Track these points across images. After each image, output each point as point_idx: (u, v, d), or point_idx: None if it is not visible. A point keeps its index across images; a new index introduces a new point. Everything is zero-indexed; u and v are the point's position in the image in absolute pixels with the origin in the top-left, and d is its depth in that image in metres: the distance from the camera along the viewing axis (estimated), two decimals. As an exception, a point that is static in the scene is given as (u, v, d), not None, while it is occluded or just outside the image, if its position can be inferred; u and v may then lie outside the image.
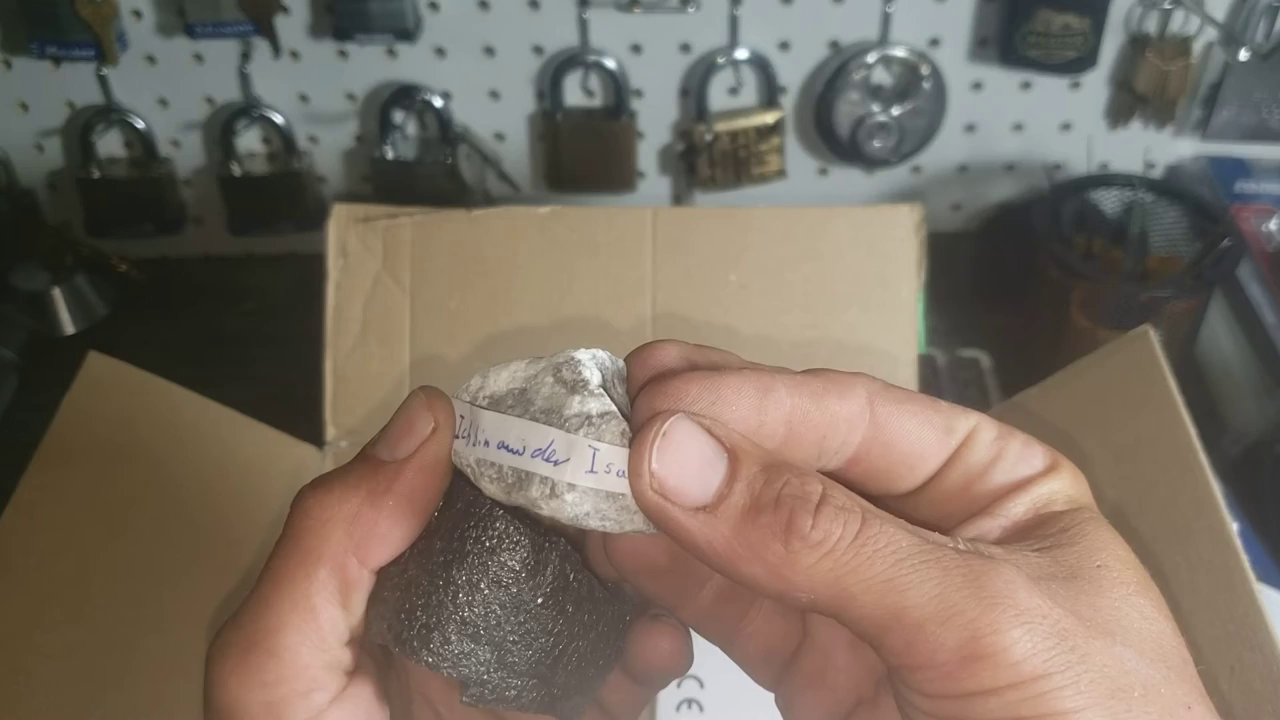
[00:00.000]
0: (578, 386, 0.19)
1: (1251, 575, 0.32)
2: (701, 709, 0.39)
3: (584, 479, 0.18)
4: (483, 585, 0.20)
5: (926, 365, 0.61)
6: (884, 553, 0.17)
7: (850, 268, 0.45)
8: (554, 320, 0.46)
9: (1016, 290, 0.61)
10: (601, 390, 0.19)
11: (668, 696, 0.39)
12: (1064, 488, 0.19)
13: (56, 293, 0.67)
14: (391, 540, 0.20)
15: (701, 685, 0.39)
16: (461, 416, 0.20)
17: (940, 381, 0.61)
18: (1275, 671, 0.31)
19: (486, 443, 0.19)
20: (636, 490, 0.18)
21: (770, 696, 0.39)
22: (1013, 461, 0.19)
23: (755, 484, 0.17)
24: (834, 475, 0.19)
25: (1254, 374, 0.56)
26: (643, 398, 0.19)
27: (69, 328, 0.67)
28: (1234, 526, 0.33)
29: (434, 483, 0.20)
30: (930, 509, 0.19)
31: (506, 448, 0.19)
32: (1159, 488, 0.34)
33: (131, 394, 0.41)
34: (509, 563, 0.20)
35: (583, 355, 0.20)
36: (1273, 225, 0.60)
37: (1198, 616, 0.33)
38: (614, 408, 0.19)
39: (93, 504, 0.38)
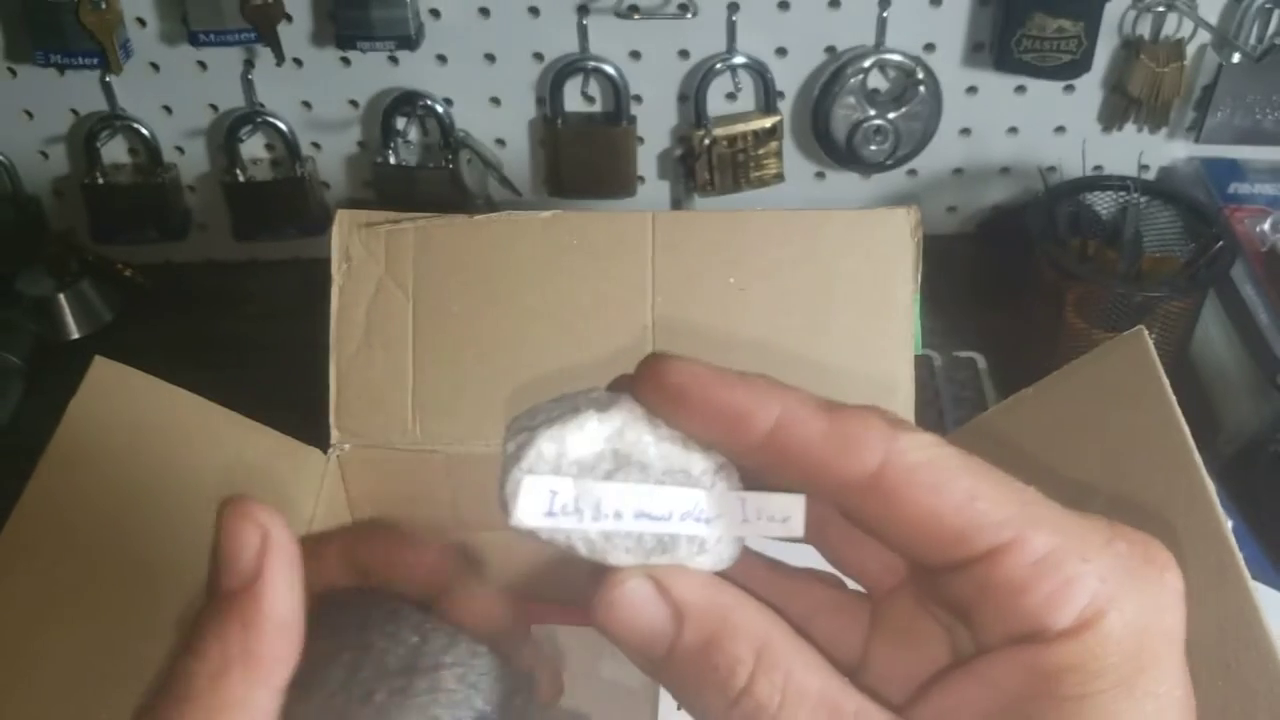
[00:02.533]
0: (689, 441, 0.20)
1: (1246, 573, 0.32)
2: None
3: (741, 529, 0.19)
4: None
5: (923, 366, 0.61)
6: None
7: (848, 270, 0.45)
8: (554, 322, 0.46)
9: (1012, 292, 0.62)
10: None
11: (669, 697, 0.39)
12: (1091, 651, 0.16)
13: (62, 298, 0.67)
14: (290, 655, 0.19)
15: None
16: (554, 491, 0.19)
17: (937, 382, 0.61)
18: (1271, 669, 0.31)
19: (618, 514, 0.19)
20: None
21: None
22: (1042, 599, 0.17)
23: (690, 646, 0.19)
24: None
25: (1248, 374, 0.57)
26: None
27: (74, 333, 0.68)
28: (1229, 525, 0.33)
29: (297, 581, 0.20)
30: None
31: (648, 516, 0.19)
32: (1154, 487, 0.35)
33: (137, 398, 0.42)
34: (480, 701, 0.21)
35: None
36: (1266, 226, 0.61)
37: (1192, 615, 0.33)
38: (724, 457, 0.20)
39: (98, 507, 0.39)
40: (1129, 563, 0.17)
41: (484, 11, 0.63)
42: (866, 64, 0.62)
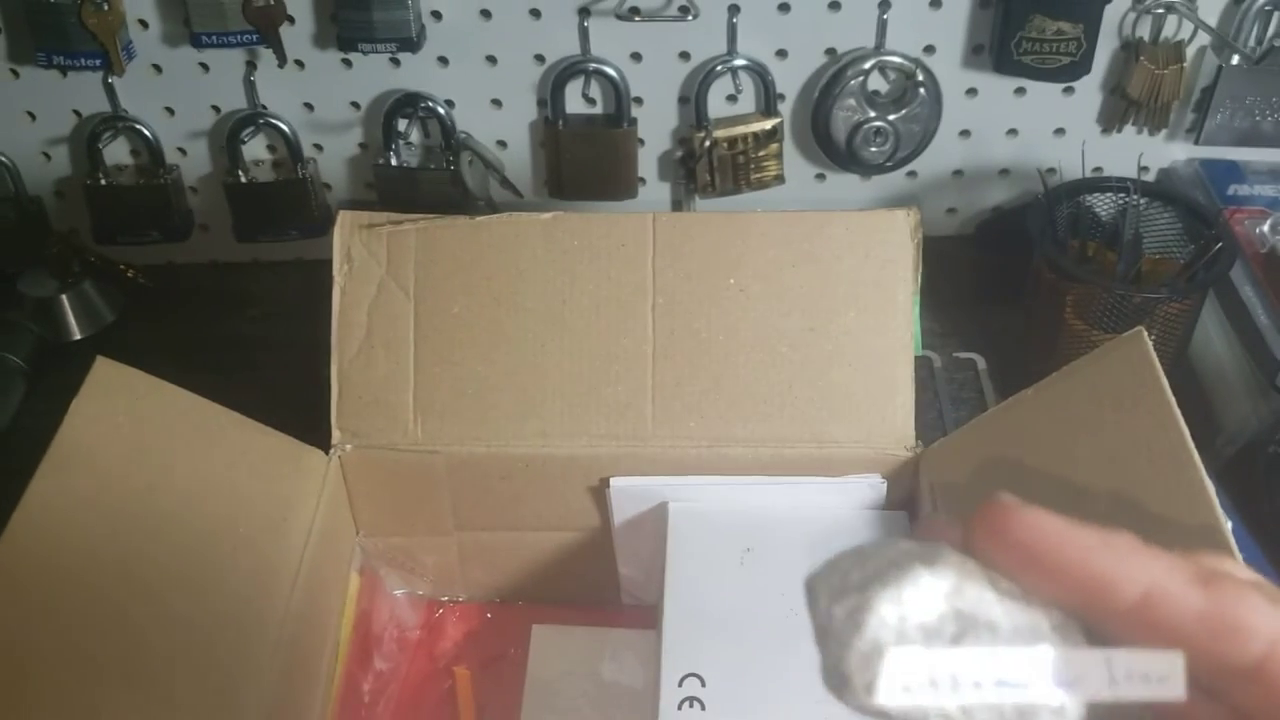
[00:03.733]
0: (1029, 595, 0.18)
1: (1244, 573, 0.32)
2: (704, 708, 0.39)
3: (1108, 691, 0.17)
4: None
5: (923, 367, 0.62)
6: None
7: (848, 271, 0.46)
8: (555, 323, 0.46)
9: (1012, 293, 0.62)
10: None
11: (669, 695, 0.39)
12: None
13: (64, 299, 0.68)
14: None
15: (703, 684, 0.40)
16: (909, 664, 0.17)
17: (937, 383, 0.61)
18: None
19: (976, 684, 0.17)
20: None
21: (769, 696, 0.39)
22: None
23: None
24: None
25: (1247, 375, 0.57)
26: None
27: (76, 334, 0.68)
28: (1228, 525, 0.34)
29: None
30: None
31: (1007, 683, 0.17)
32: (1153, 488, 0.35)
33: (139, 398, 0.42)
34: None
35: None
36: (1265, 228, 0.61)
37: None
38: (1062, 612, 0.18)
39: (100, 507, 0.39)
40: None
41: (485, 14, 0.63)
42: (866, 66, 0.63)
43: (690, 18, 0.61)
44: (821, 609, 0.18)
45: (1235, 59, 0.62)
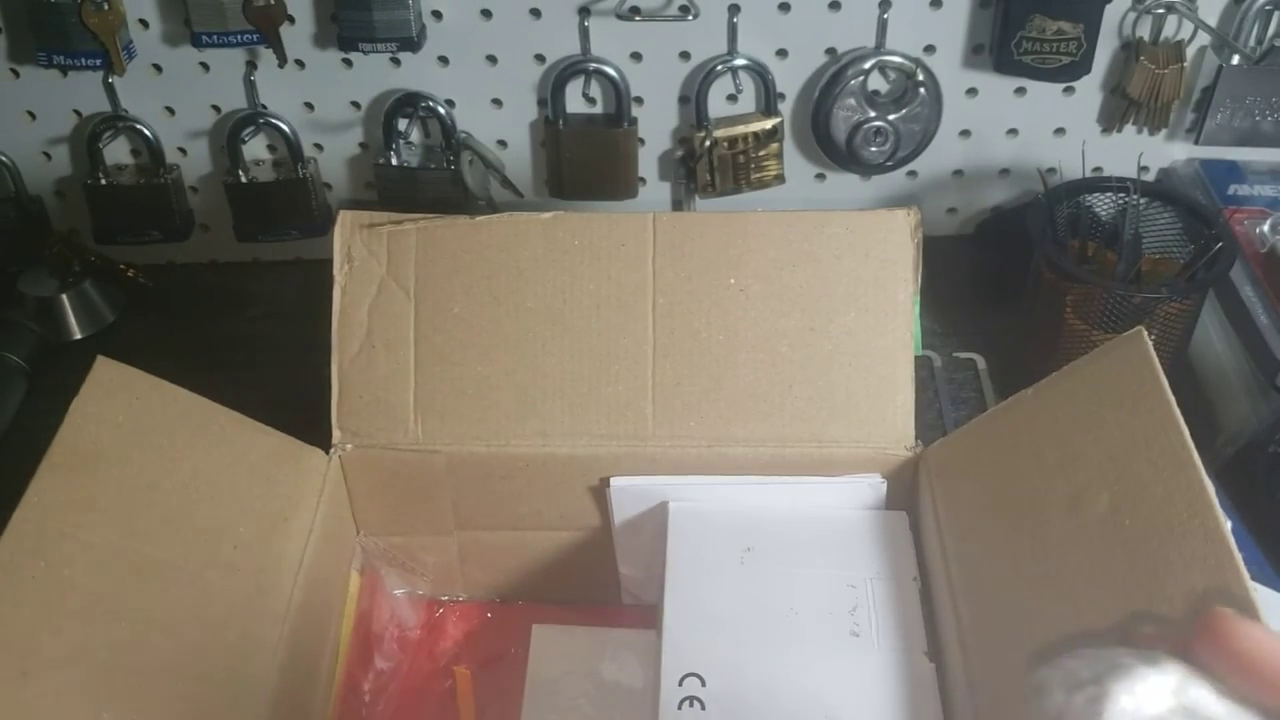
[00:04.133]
0: (1243, 695, 0.20)
1: (1246, 574, 0.33)
2: (703, 707, 0.39)
3: None
4: None
5: (923, 367, 0.62)
6: None
7: (848, 271, 0.46)
8: (555, 322, 0.46)
9: (1012, 293, 0.62)
10: None
11: (669, 694, 0.39)
12: None
13: (64, 299, 0.68)
14: None
15: (703, 683, 0.40)
16: None
17: (937, 383, 0.62)
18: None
19: None
20: None
21: (769, 696, 0.39)
22: None
23: None
24: None
25: (1247, 375, 0.57)
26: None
27: (76, 333, 0.68)
28: (1228, 525, 0.34)
29: None
30: None
31: None
32: (1153, 487, 0.35)
33: (139, 398, 0.42)
34: None
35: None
36: (1265, 228, 0.61)
37: (1191, 619, 0.33)
38: None
39: (100, 507, 0.39)
40: None
41: (486, 13, 0.63)
42: (867, 66, 0.63)
43: (690, 17, 0.61)
44: (1057, 700, 0.21)
45: (1235, 59, 0.62)
